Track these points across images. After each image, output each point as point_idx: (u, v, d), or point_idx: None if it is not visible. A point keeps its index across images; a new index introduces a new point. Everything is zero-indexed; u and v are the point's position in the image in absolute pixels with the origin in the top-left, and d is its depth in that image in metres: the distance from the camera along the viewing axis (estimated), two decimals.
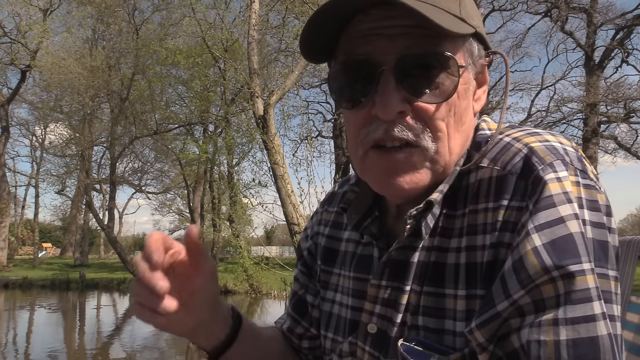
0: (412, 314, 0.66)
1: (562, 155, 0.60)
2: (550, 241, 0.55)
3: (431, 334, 0.64)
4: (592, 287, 0.53)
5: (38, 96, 26.18)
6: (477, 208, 0.63)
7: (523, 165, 0.60)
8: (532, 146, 0.61)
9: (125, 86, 21.20)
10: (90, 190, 25.39)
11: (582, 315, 0.53)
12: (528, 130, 0.66)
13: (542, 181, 0.58)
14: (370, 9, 0.62)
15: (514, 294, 0.55)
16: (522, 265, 0.55)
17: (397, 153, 0.63)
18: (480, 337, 0.57)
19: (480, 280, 0.60)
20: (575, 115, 21.43)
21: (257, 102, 9.45)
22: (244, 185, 12.41)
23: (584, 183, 0.59)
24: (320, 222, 0.90)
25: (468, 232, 0.63)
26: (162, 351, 9.45)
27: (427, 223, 0.65)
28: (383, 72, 0.61)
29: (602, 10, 20.68)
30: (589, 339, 0.52)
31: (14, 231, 37.59)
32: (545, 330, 0.53)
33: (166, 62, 17.30)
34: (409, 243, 0.68)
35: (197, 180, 28.50)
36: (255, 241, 16.15)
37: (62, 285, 21.11)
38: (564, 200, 0.56)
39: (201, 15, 13.71)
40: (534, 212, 0.57)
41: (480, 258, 0.61)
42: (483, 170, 0.64)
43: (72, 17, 22.19)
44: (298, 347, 0.92)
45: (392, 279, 0.69)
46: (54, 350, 9.13)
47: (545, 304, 0.54)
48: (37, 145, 36.57)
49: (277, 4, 13.42)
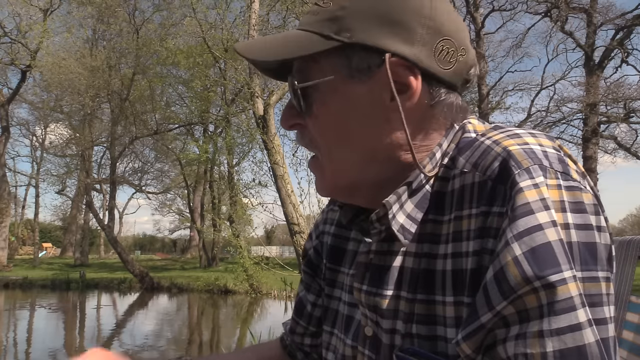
0: (404, 321, 0.66)
1: (539, 159, 0.59)
2: (530, 249, 0.54)
3: (424, 342, 0.64)
4: (574, 295, 0.53)
5: (38, 96, 26.20)
6: (461, 214, 0.63)
7: (500, 170, 0.60)
8: (509, 149, 0.61)
9: (125, 86, 21.20)
10: (90, 190, 25.39)
11: (567, 325, 0.52)
12: (508, 132, 0.65)
13: (517, 187, 0.57)
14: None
15: (497, 306, 0.55)
16: (503, 275, 0.55)
17: (311, 160, 0.74)
18: (467, 349, 0.57)
19: (467, 287, 0.61)
20: (575, 115, 21.45)
21: (257, 102, 9.44)
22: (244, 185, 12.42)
23: (566, 185, 0.58)
24: (326, 220, 0.91)
25: (454, 239, 0.64)
26: (162, 351, 9.45)
27: (405, 227, 0.66)
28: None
29: (602, 10, 20.70)
30: (576, 348, 0.52)
31: (14, 231, 37.58)
32: (530, 343, 0.53)
33: (166, 62, 17.30)
34: (387, 247, 0.69)
35: (197, 180, 28.52)
36: (255, 241, 16.15)
37: (62, 285, 21.12)
38: (541, 207, 0.56)
39: (202, 15, 13.70)
40: (512, 219, 0.56)
41: (465, 265, 0.61)
42: (466, 176, 0.64)
43: (73, 17, 22.19)
44: (300, 346, 0.94)
45: (372, 283, 0.70)
46: (54, 350, 9.13)
47: (529, 314, 0.54)
48: (37, 145, 36.64)
49: (277, 4, 13.41)
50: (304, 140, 0.72)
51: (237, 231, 14.43)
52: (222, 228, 18.07)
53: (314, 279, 0.91)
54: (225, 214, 21.43)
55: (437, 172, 0.68)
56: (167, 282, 20.48)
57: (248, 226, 14.72)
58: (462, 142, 0.68)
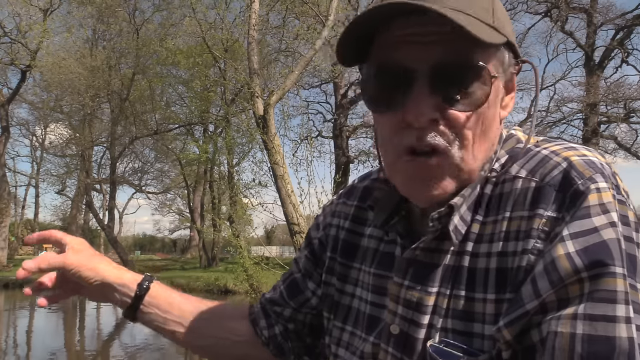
0: (440, 316, 0.67)
1: (600, 169, 0.62)
2: (583, 248, 0.56)
3: (459, 337, 0.65)
4: (620, 290, 0.54)
5: (38, 96, 26.19)
6: (511, 216, 0.64)
7: (562, 178, 0.62)
8: (571, 160, 0.63)
9: (125, 86, 21.21)
10: (90, 190, 25.39)
11: (602, 314, 0.53)
12: (565, 145, 0.67)
13: (582, 194, 0.59)
14: (406, 16, 0.63)
15: (544, 294, 0.56)
16: (553, 267, 0.57)
17: (427, 160, 0.65)
18: (508, 335, 0.58)
19: (509, 284, 0.62)
20: (575, 115, 21.45)
21: (257, 102, 9.44)
22: (244, 185, 12.40)
23: (618, 198, 0.60)
24: (335, 213, 0.90)
25: (501, 239, 0.64)
26: (162, 351, 9.45)
27: (457, 228, 0.67)
28: (417, 79, 0.62)
29: (602, 10, 20.70)
30: (605, 338, 0.53)
31: (14, 231, 37.56)
32: (563, 323, 0.55)
33: (166, 62, 17.31)
34: (436, 245, 0.69)
35: (197, 180, 28.50)
36: (255, 241, 16.12)
37: None
38: (600, 211, 0.58)
39: (201, 15, 13.70)
40: (569, 222, 0.58)
41: (511, 264, 0.62)
42: (521, 181, 0.65)
43: (73, 17, 22.20)
44: (276, 318, 0.94)
45: (416, 280, 0.70)
46: (54, 350, 9.13)
47: (569, 301, 0.55)
48: (37, 145, 36.66)
49: (277, 4, 13.42)
50: (435, 134, 0.64)
51: (237, 231, 14.42)
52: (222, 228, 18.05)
53: (315, 268, 0.91)
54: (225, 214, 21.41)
55: (487, 177, 0.69)
56: (167, 282, 20.27)
57: (248, 226, 14.71)
58: (514, 151, 0.70)
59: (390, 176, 0.72)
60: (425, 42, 0.62)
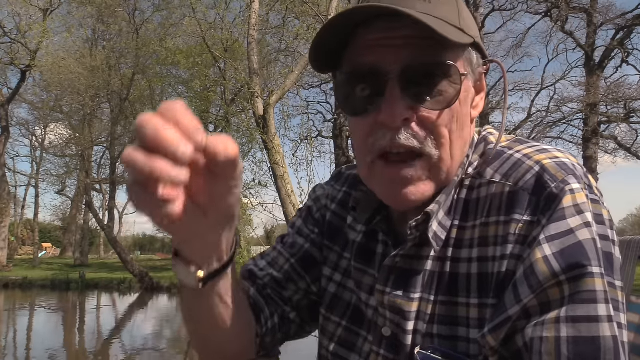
0: (425, 322, 0.68)
1: (572, 170, 0.63)
2: (560, 250, 0.57)
3: (445, 342, 0.66)
4: (599, 289, 0.55)
5: (38, 96, 26.16)
6: (488, 221, 0.65)
7: (536, 182, 0.62)
8: (543, 164, 0.64)
9: (125, 86, 21.19)
10: (90, 190, 25.38)
11: (585, 315, 0.54)
12: (537, 147, 0.68)
13: (556, 197, 0.60)
14: (374, 21, 0.64)
15: (524, 299, 0.57)
16: (532, 272, 0.57)
17: (403, 166, 0.65)
18: (492, 341, 0.59)
19: (492, 289, 0.63)
20: (575, 115, 21.43)
21: (257, 102, 9.45)
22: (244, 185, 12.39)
23: (592, 198, 0.62)
24: (328, 196, 0.90)
25: (480, 244, 0.65)
26: (162, 351, 9.45)
27: (437, 235, 0.67)
28: (389, 81, 0.64)
29: (602, 10, 20.68)
30: (590, 338, 0.53)
31: (14, 231, 37.56)
32: (547, 327, 0.55)
33: (166, 62, 17.29)
34: (415, 252, 0.70)
35: None
36: (255, 241, 16.12)
37: (62, 285, 21.10)
38: (575, 212, 0.59)
39: (201, 15, 13.71)
40: (545, 225, 0.59)
41: (491, 269, 0.63)
42: (495, 185, 0.66)
43: (72, 17, 22.18)
44: (286, 300, 0.84)
45: (398, 287, 0.70)
46: (54, 350, 9.12)
47: (551, 305, 0.56)
48: (37, 145, 36.57)
49: (277, 4, 13.42)
50: (409, 135, 0.64)
51: (237, 231, 14.42)
52: None
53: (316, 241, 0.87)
54: None
55: (462, 180, 0.70)
56: (167, 282, 20.45)
57: (248, 226, 14.70)
58: (487, 154, 0.71)
59: (367, 181, 0.72)
60: (396, 45, 0.64)
